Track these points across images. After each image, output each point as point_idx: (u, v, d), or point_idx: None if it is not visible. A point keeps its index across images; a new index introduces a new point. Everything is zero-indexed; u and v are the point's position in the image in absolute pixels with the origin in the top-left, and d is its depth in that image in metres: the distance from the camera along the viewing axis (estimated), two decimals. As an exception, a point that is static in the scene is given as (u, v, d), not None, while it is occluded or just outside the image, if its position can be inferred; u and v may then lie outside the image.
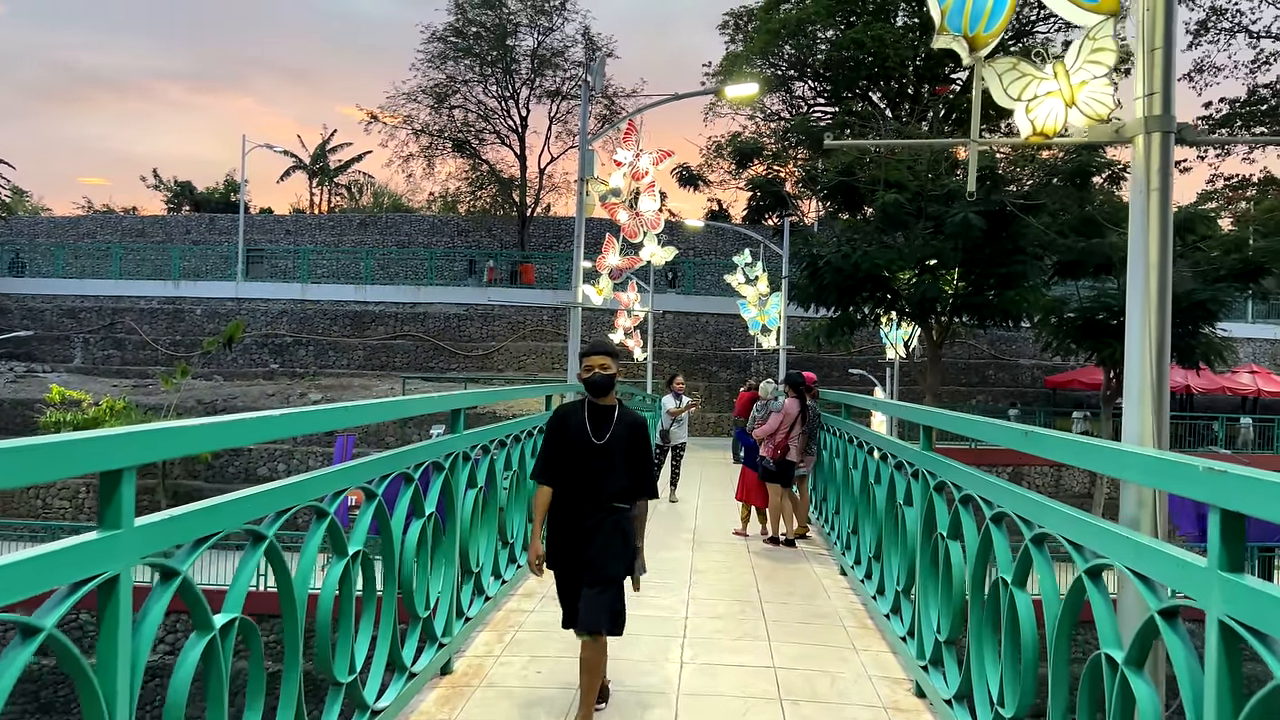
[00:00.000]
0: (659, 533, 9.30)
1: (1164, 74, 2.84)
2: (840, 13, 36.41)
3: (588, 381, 4.13)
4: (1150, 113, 2.87)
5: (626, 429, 4.12)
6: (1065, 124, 3.05)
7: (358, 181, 55.17)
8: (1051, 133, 3.07)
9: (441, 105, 38.11)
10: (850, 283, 20.94)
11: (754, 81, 36.13)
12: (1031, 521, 3.14)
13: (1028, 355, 34.52)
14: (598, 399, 4.15)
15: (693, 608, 6.19)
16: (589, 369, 4.13)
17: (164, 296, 36.51)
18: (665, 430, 11.98)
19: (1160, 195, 2.86)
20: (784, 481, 8.67)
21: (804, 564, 7.94)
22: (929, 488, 4.56)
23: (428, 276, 37.36)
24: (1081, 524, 2.71)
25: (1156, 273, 2.87)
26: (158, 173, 56.83)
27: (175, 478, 25.63)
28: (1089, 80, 3.00)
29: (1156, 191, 2.85)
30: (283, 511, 2.96)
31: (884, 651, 5.33)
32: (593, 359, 4.14)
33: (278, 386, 30.38)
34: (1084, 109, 3.02)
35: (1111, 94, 3.02)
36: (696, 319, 34.91)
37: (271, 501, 2.90)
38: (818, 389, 9.29)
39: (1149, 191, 2.87)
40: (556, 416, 4.24)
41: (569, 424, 4.14)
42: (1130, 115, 3.03)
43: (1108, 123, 3.04)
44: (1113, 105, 3.03)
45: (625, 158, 10.42)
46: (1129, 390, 3.02)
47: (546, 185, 40.62)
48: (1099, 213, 21.26)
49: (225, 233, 40.60)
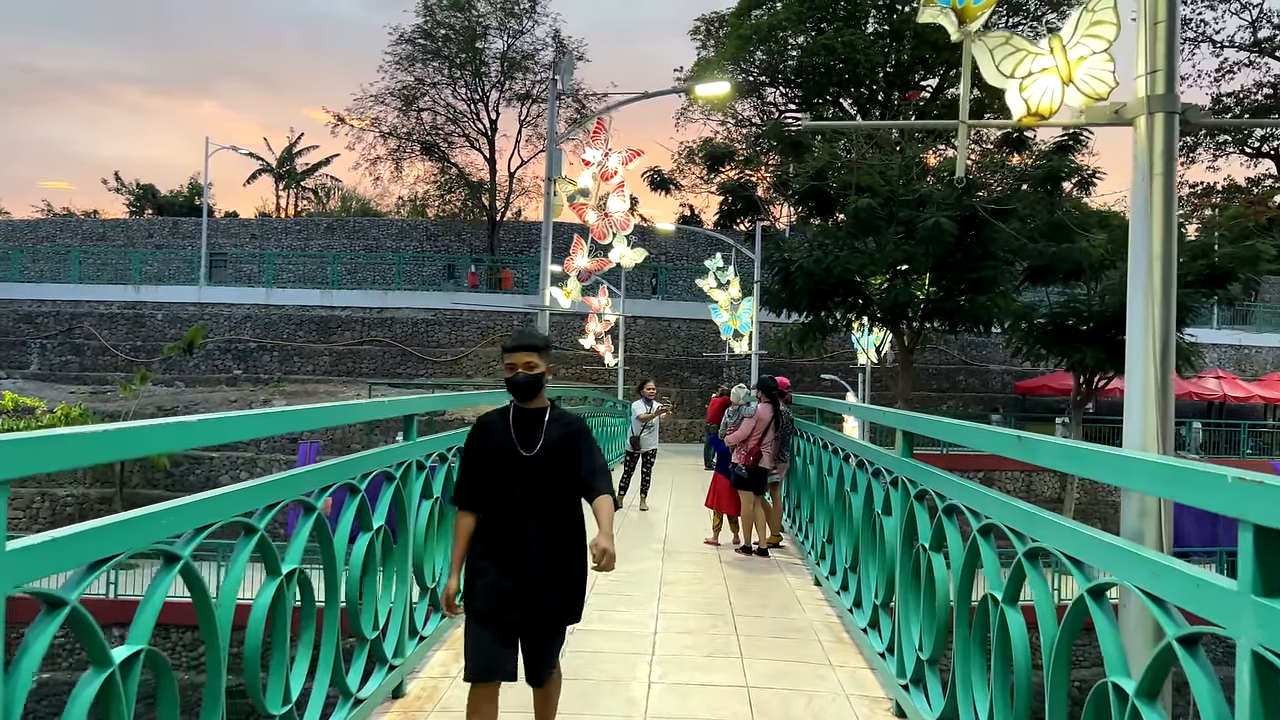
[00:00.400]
0: (627, 544, 9.03)
1: (1167, 50, 2.63)
2: (811, 19, 36.46)
3: (510, 383, 3.42)
4: (1152, 92, 2.65)
5: (562, 434, 3.42)
6: (1062, 103, 2.84)
7: (325, 185, 54.52)
8: (1047, 113, 2.85)
9: (409, 108, 37.65)
10: (822, 288, 20.82)
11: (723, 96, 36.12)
12: (1024, 535, 2.91)
13: (998, 361, 34.65)
14: (524, 403, 3.45)
15: (662, 622, 5.92)
16: (511, 367, 3.41)
17: (124, 301, 35.71)
18: (636, 437, 11.72)
19: (1164, 181, 2.64)
20: (756, 489, 8.44)
21: (777, 574, 7.71)
22: (909, 496, 4.33)
23: (396, 281, 36.86)
24: (1083, 538, 2.47)
25: (1160, 265, 2.65)
26: (119, 176, 55.69)
27: (134, 486, 24.98)
28: (1087, 56, 2.78)
29: (1160, 177, 2.64)
30: (202, 528, 2.66)
31: (861, 668, 5.09)
32: (515, 355, 3.40)
33: (240, 393, 29.76)
34: (1082, 87, 2.80)
35: (1112, 71, 2.80)
36: (668, 324, 34.70)
37: (187, 517, 2.60)
38: (791, 394, 9.07)
39: (1151, 177, 2.65)
40: (476, 428, 3.54)
41: (491, 436, 3.45)
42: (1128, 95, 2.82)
43: (1106, 102, 2.82)
44: (1113, 83, 2.82)
45: (594, 157, 10.16)
46: (1130, 391, 2.80)
47: (517, 189, 40.29)
48: (1069, 218, 21.32)
49: (189, 237, 39.82)
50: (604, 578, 7.29)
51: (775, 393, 8.50)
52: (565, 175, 10.48)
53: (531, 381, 3.42)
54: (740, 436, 8.42)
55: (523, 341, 3.46)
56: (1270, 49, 36.94)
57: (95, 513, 24.64)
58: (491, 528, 3.38)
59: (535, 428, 3.42)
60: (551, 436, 3.41)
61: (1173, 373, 2.74)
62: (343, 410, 4.32)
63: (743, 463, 8.37)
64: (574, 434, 3.46)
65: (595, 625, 5.78)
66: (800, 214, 26.40)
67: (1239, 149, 42.39)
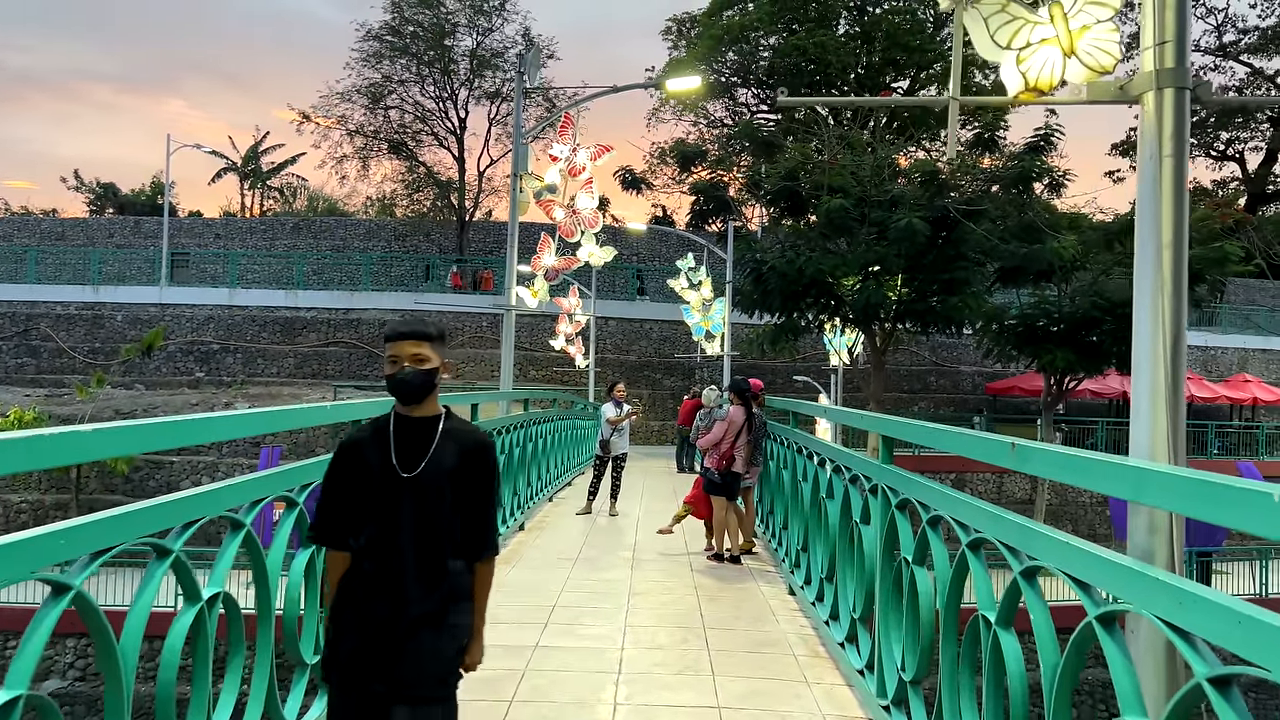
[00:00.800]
0: (596, 551, 8.75)
1: (1178, 19, 2.39)
2: (783, 20, 36.39)
3: (392, 380, 2.65)
4: (1161, 65, 2.42)
5: (457, 454, 2.66)
6: (1063, 77, 2.60)
7: (291, 184, 53.73)
8: (1047, 87, 2.61)
9: (377, 105, 37.10)
10: (795, 288, 20.67)
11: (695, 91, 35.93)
12: (1020, 551, 2.66)
13: (968, 362, 34.74)
14: (409, 408, 2.69)
15: (630, 637, 5.64)
16: (394, 361, 2.65)
17: (82, 302, 34.84)
18: (606, 440, 11.43)
19: (1174, 163, 2.40)
20: (729, 494, 8.18)
21: (750, 583, 7.45)
22: (890, 505, 4.08)
23: (363, 281, 36.28)
24: (1092, 559, 2.22)
25: (1171, 254, 2.41)
26: (79, 174, 54.56)
27: (91, 492, 24.28)
28: (1091, 25, 2.54)
29: (1170, 158, 2.40)
30: (100, 553, 2.35)
31: (839, 684, 4.84)
32: (400, 345, 2.64)
33: (202, 395, 29.09)
34: (1085, 59, 2.56)
35: (1117, 42, 2.57)
36: (640, 325, 34.43)
37: (82, 540, 2.28)
38: (764, 396, 8.83)
39: (1161, 158, 2.42)
40: (347, 442, 2.74)
41: (365, 452, 2.67)
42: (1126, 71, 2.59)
43: (1110, 76, 2.58)
44: (1118, 55, 2.58)
45: (562, 153, 9.86)
46: (1137, 394, 2.57)
47: (486, 189, 39.84)
48: (1039, 219, 21.32)
49: (151, 236, 38.98)
50: (570, 588, 7.00)
51: (748, 394, 8.25)
52: (532, 171, 10.18)
53: (420, 379, 2.64)
54: (713, 439, 8.16)
55: (411, 328, 2.69)
56: (1235, 53, 37.39)
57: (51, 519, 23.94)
58: (358, 571, 2.63)
59: (422, 441, 2.66)
60: (443, 455, 2.65)
61: (1184, 372, 2.50)
62: (276, 417, 3.98)
63: (715, 467, 8.11)
64: (473, 456, 2.69)
65: (560, 641, 5.50)
66: (772, 215, 26.27)
67: (1204, 152, 42.87)
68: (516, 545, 8.82)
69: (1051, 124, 21.49)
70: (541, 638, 5.53)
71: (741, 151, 34.85)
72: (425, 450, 2.65)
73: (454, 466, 2.65)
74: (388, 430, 2.69)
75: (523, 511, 9.78)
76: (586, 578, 7.44)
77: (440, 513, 2.62)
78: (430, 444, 2.66)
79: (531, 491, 10.56)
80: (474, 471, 2.68)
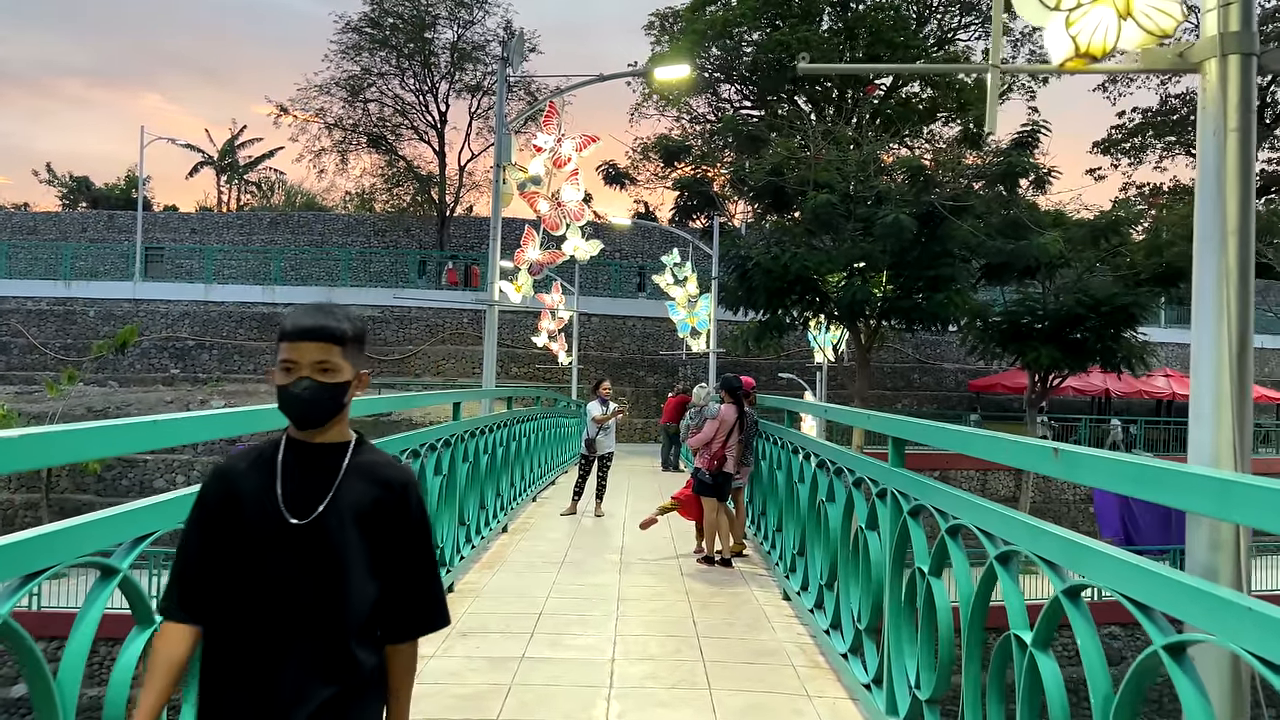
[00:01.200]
0: (583, 554, 8.48)
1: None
2: (766, 15, 36.18)
3: (284, 395, 1.90)
4: (1226, 29, 2.19)
5: (370, 495, 1.93)
6: (1118, 40, 2.35)
7: (269, 179, 53.04)
8: (1100, 53, 2.36)
9: (355, 98, 36.62)
10: (779, 285, 20.48)
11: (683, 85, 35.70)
12: (1061, 568, 2.42)
13: (951, 359, 34.71)
14: (307, 432, 1.94)
15: (620, 647, 5.37)
16: (289, 367, 1.89)
17: (54, 297, 34.17)
18: (591, 439, 11.16)
19: (1240, 138, 2.17)
20: (720, 495, 7.93)
21: (743, 587, 7.21)
22: (901, 512, 3.84)
23: (342, 277, 35.77)
24: (1154, 578, 1.98)
25: (1237, 241, 2.17)
26: (51, 167, 53.56)
27: (62, 491, 23.76)
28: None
29: (1236, 133, 2.17)
30: (32, 576, 2.06)
31: (842, 698, 4.59)
32: (299, 348, 1.89)
33: (177, 393, 28.57)
34: (1142, 21, 2.31)
35: (1179, 1, 2.33)
36: (623, 322, 34.15)
37: (12, 561, 2.00)
38: (755, 394, 8.59)
39: (1225, 133, 2.18)
40: (213, 479, 1.96)
41: (239, 489, 1.91)
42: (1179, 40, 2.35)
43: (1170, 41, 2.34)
44: (1180, 16, 2.34)
45: (546, 143, 9.56)
46: (1197, 396, 2.33)
47: (467, 183, 39.43)
48: (1025, 215, 21.23)
49: (125, 230, 38.27)
50: (557, 593, 6.73)
51: (740, 392, 8.00)
52: (516, 163, 9.87)
53: (323, 397, 1.88)
54: (703, 439, 7.91)
55: (315, 323, 1.90)
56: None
57: (20, 519, 23.39)
58: (221, 658, 1.85)
59: (322, 476, 1.90)
60: (350, 496, 1.90)
61: (1251, 372, 2.27)
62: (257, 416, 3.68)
63: (706, 467, 7.86)
64: (391, 499, 1.94)
65: (548, 652, 5.23)
66: (756, 210, 26.08)
67: (1185, 151, 43.08)
68: (500, 548, 8.54)
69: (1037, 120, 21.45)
70: (528, 648, 5.26)
71: (725, 147, 34.68)
72: (325, 489, 1.88)
73: (364, 512, 1.90)
74: (274, 460, 1.90)
75: (506, 513, 9.51)
76: (573, 582, 7.18)
77: (341, 576, 1.86)
78: (333, 481, 1.89)
79: (515, 492, 10.29)
80: (393, 519, 1.93)
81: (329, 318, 1.92)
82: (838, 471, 5.27)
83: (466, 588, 6.74)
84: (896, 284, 21.10)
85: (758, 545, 8.55)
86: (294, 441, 1.94)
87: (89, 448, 2.50)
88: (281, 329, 1.93)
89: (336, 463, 1.93)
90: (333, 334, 1.91)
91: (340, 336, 1.92)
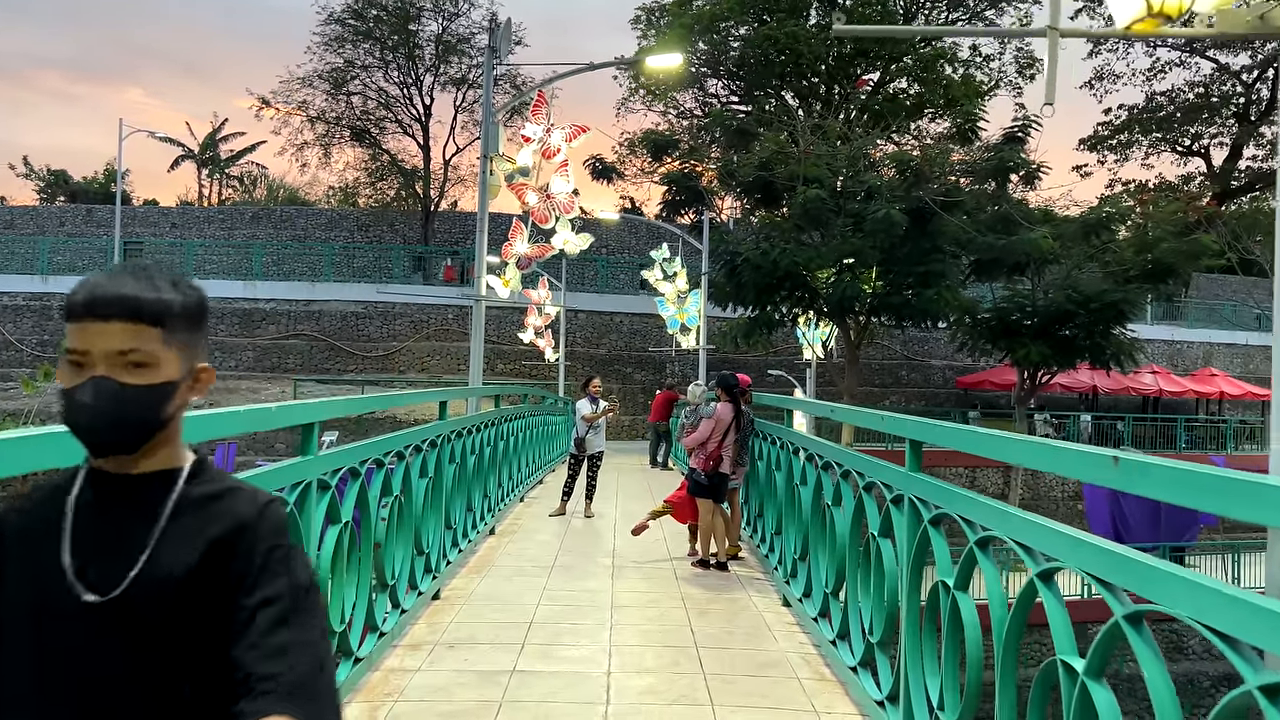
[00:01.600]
0: (573, 558, 8.21)
1: (1337, -70, 1.94)
2: (753, 10, 35.94)
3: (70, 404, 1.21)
4: (1315, -11, 1.96)
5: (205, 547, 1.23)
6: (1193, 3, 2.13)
7: (251, 173, 52.41)
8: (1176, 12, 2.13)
9: (339, 91, 36.14)
10: (769, 281, 20.30)
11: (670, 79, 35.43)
12: (1119, 588, 2.18)
13: (939, 356, 34.62)
14: (112, 460, 1.25)
15: (615, 659, 5.12)
16: (76, 360, 1.21)
17: (30, 292, 33.56)
18: (581, 438, 10.89)
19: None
20: (716, 496, 7.69)
21: (740, 592, 6.96)
22: (920, 520, 3.60)
23: (324, 272, 35.32)
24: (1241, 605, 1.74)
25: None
26: (28, 160, 52.73)
27: (37, 491, 23.29)
28: (1231, -64, 2.09)
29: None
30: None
31: (852, 714, 4.36)
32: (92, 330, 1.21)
33: (157, 390, 28.07)
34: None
35: (1263, -41, 2.11)
36: (610, 318, 33.86)
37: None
38: (751, 393, 8.34)
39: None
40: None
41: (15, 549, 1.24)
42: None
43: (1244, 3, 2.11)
44: (1264, -25, 2.12)
45: (535, 133, 9.28)
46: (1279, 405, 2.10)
47: (452, 178, 39.03)
48: (1015, 211, 21.12)
49: (104, 225, 37.69)
50: (547, 600, 6.47)
51: (736, 390, 7.76)
52: (503, 153, 9.58)
53: (129, 406, 1.22)
54: (699, 439, 7.66)
55: (116, 291, 1.22)
56: (1201, 49, 37.56)
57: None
58: None
59: (135, 526, 1.25)
60: (178, 551, 1.23)
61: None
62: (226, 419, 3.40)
63: (702, 468, 7.61)
64: (237, 541, 1.24)
65: (539, 665, 4.97)
66: (745, 206, 25.87)
67: (1170, 147, 43.15)
68: (488, 551, 8.27)
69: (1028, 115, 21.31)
70: (519, 661, 5.00)
71: (713, 142, 34.42)
72: (138, 545, 1.23)
73: (197, 570, 1.22)
74: (64, 503, 1.25)
75: (493, 515, 9.24)
76: (564, 588, 6.91)
77: (162, 677, 1.21)
78: (151, 530, 1.24)
79: (503, 493, 10.02)
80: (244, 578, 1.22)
81: (139, 284, 1.23)
82: (844, 474, 5.03)
83: (453, 594, 6.47)
84: (886, 280, 20.96)
85: (754, 548, 8.31)
86: (97, 474, 1.27)
87: (45, 456, 2.22)
88: (68, 302, 1.23)
89: (158, 501, 1.25)
90: (145, 308, 1.22)
91: (157, 312, 1.23)
